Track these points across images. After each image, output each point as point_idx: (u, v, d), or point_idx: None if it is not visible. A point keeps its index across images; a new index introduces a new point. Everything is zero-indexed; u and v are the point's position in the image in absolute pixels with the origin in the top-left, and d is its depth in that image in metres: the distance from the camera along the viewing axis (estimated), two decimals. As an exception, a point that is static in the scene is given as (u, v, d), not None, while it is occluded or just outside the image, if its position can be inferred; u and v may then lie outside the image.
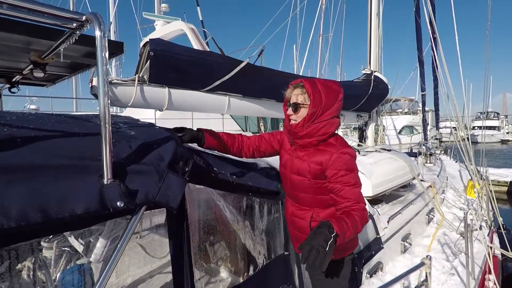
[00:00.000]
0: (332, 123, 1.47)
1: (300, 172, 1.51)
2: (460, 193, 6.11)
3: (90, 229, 1.56)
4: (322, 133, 1.46)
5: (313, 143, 1.48)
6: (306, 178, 1.49)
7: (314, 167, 1.46)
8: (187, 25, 2.81)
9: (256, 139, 1.71)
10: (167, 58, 2.17)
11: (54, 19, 0.90)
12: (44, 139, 0.93)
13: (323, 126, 1.45)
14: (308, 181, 1.49)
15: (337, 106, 1.49)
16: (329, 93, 1.46)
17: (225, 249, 2.13)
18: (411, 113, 15.52)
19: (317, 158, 1.45)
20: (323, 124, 1.45)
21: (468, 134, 5.59)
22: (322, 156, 1.44)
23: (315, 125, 1.44)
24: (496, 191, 6.55)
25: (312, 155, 1.48)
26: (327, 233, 1.16)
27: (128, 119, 1.53)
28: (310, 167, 1.47)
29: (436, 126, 9.48)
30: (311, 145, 1.49)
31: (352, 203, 1.37)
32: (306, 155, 1.50)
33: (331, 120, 1.47)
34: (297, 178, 1.53)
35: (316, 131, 1.45)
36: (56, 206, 0.78)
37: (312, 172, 1.47)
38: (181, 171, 1.10)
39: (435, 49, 5.30)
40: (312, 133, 1.46)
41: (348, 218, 1.29)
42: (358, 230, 1.32)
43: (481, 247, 3.46)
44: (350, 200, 1.38)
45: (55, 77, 2.38)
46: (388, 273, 2.86)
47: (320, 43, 8.73)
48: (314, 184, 1.48)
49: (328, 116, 1.45)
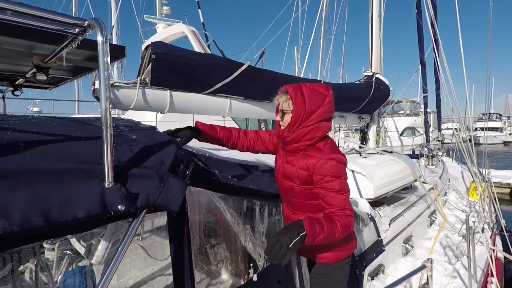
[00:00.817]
0: (319, 127, 1.45)
1: (290, 178, 1.51)
2: (462, 195, 6.08)
3: (92, 231, 1.57)
4: (309, 137, 1.44)
5: (301, 148, 1.47)
6: (295, 184, 1.49)
7: (301, 173, 1.45)
8: (189, 27, 2.83)
9: (252, 137, 1.72)
10: (168, 61, 2.18)
11: (57, 24, 0.91)
12: (46, 143, 0.94)
13: (309, 131, 1.43)
14: (297, 187, 1.49)
15: (324, 109, 1.45)
16: (314, 96, 1.43)
17: (226, 251, 2.14)
18: (413, 115, 15.49)
19: (304, 163, 1.44)
20: (309, 129, 1.43)
21: (470, 136, 5.57)
22: (309, 161, 1.43)
23: (300, 130, 1.43)
24: (498, 193, 6.51)
25: (300, 160, 1.47)
26: (295, 231, 1.18)
27: (129, 122, 1.54)
28: (298, 173, 1.46)
29: (438, 128, 9.45)
30: (299, 150, 1.48)
31: (336, 210, 1.36)
32: (294, 160, 1.49)
33: (317, 124, 1.44)
34: (288, 183, 1.53)
35: (302, 136, 1.44)
36: (58, 210, 0.79)
37: (300, 177, 1.46)
38: (182, 175, 1.11)
39: (436, 50, 5.30)
40: (298, 138, 1.45)
41: (326, 222, 1.29)
42: (337, 235, 1.30)
43: (483, 250, 3.44)
44: (333, 207, 1.37)
45: (57, 80, 2.40)
46: (389, 276, 2.85)
47: (322, 45, 8.75)
48: (303, 190, 1.48)
49: (313, 120, 1.43)
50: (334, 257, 1.55)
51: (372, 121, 4.71)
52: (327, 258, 1.54)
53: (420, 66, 7.34)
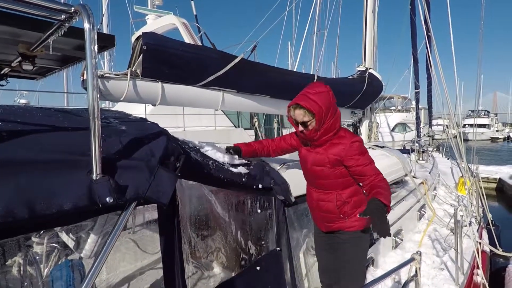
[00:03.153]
0: (336, 118, 1.81)
1: (321, 163, 1.84)
2: (451, 189, 6.20)
3: (81, 224, 1.54)
4: (332, 129, 1.80)
5: (328, 139, 1.81)
6: (326, 167, 1.83)
7: (332, 157, 1.80)
8: (179, 19, 2.77)
9: (279, 142, 2.10)
10: (160, 52, 2.14)
11: (42, 10, 0.88)
12: (31, 133, 0.91)
13: (331, 124, 1.78)
14: (327, 169, 1.83)
15: (333, 102, 1.80)
16: (321, 97, 1.74)
17: (218, 244, 2.14)
18: (405, 111, 15.64)
19: (334, 150, 1.80)
20: (330, 122, 1.77)
21: (459, 132, 5.66)
22: (338, 148, 1.79)
23: (324, 127, 1.77)
24: (485, 188, 6.66)
25: (329, 149, 1.82)
26: (380, 208, 1.58)
27: (119, 113, 1.50)
28: (329, 158, 1.81)
29: (429, 124, 9.58)
30: (326, 141, 1.82)
31: (373, 177, 1.75)
32: (323, 149, 1.83)
33: (335, 116, 1.79)
34: (318, 168, 1.86)
35: (327, 131, 1.79)
36: (43, 201, 0.77)
37: (331, 161, 1.81)
38: (172, 167, 1.09)
39: (429, 47, 5.33)
40: (325, 133, 1.79)
41: (379, 189, 1.67)
42: (389, 193, 1.69)
43: (470, 243, 3.52)
44: (371, 176, 1.75)
45: (45, 70, 2.33)
46: (379, 268, 2.90)
47: (315, 39, 8.72)
48: (333, 171, 1.82)
49: (331, 115, 1.76)
50: (360, 225, 1.88)
51: (365, 116, 4.74)
52: (356, 226, 1.88)
53: (413, 62, 7.40)
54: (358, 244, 1.93)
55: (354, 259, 1.92)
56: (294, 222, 2.26)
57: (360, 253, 1.97)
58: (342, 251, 1.92)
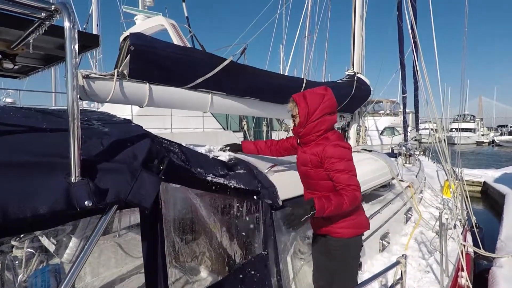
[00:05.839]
0: (323, 121, 1.80)
1: (304, 163, 1.87)
2: (437, 193, 6.32)
3: (63, 228, 1.50)
4: (317, 130, 1.80)
5: (312, 138, 1.83)
6: (308, 167, 1.84)
7: (312, 158, 1.80)
8: (168, 20, 2.75)
9: (283, 141, 2.16)
10: (148, 53, 2.11)
11: (22, 7, 0.86)
12: (6, 134, 0.88)
13: (316, 125, 1.79)
14: (310, 170, 1.84)
15: (324, 106, 1.80)
16: (313, 97, 1.80)
17: (203, 249, 2.11)
18: (393, 115, 15.89)
19: (314, 150, 1.80)
20: (315, 123, 1.79)
21: (445, 136, 5.77)
22: (318, 148, 1.79)
23: (309, 125, 1.80)
24: (470, 191, 6.81)
25: (311, 148, 1.83)
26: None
27: (103, 115, 1.47)
28: (310, 158, 1.81)
29: (416, 128, 9.75)
30: (310, 140, 1.84)
31: (343, 186, 1.69)
32: (308, 149, 1.86)
33: (322, 118, 1.79)
34: (303, 168, 1.89)
35: (311, 130, 1.80)
36: (17, 205, 0.74)
37: (312, 162, 1.81)
38: (156, 170, 1.07)
39: (415, 53, 5.44)
40: (308, 132, 1.82)
41: (334, 197, 1.64)
42: (345, 207, 1.64)
43: (455, 245, 3.58)
44: (341, 184, 1.70)
45: (28, 69, 2.26)
46: (366, 272, 2.92)
47: (306, 43, 8.78)
48: (316, 172, 1.82)
49: (317, 115, 1.78)
50: (347, 233, 1.85)
51: (353, 120, 4.79)
52: (342, 233, 1.85)
53: (400, 67, 7.52)
54: (348, 252, 1.93)
55: (345, 266, 1.93)
56: (282, 226, 2.26)
57: (351, 260, 1.96)
58: (333, 257, 1.93)
